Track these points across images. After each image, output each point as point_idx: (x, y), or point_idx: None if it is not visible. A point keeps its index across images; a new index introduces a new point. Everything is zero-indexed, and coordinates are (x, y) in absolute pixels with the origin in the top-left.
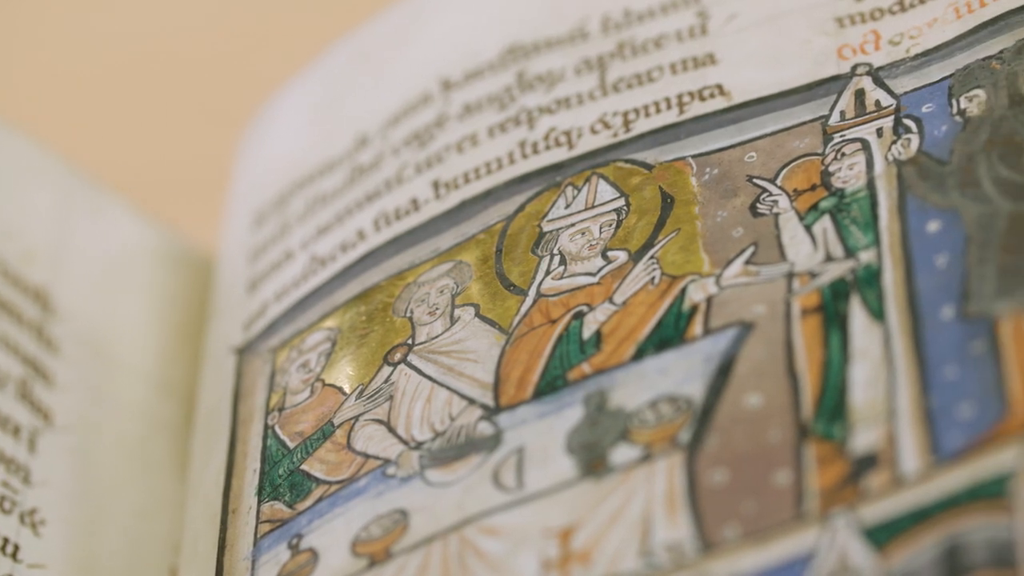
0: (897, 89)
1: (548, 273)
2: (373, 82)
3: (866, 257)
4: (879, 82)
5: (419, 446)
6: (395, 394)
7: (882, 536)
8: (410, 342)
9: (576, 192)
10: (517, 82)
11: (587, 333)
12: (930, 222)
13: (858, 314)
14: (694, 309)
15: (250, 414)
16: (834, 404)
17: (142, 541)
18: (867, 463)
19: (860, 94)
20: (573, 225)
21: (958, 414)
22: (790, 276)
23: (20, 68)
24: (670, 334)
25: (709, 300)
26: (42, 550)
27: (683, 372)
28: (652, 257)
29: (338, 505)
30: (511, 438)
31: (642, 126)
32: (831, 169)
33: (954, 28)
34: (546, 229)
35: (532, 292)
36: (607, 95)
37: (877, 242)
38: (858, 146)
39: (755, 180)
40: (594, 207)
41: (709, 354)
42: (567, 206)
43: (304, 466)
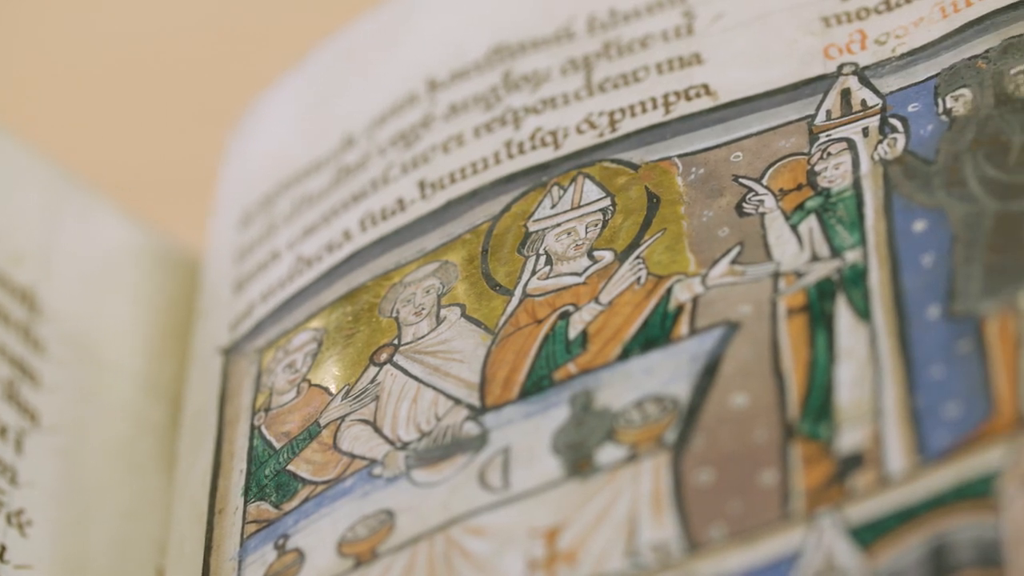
0: (883, 88)
1: (534, 273)
2: (359, 82)
3: (852, 257)
4: (865, 81)
5: (405, 446)
6: (381, 394)
7: (868, 536)
8: (396, 342)
9: (562, 192)
10: (503, 82)
11: (573, 333)
12: (916, 221)
13: (844, 314)
14: (680, 309)
15: (236, 414)
16: (820, 404)
17: (129, 542)
18: (853, 463)
19: (846, 93)
20: (559, 225)
21: (944, 414)
22: (776, 276)
23: (6, 70)
24: (656, 334)
25: (695, 300)
26: (29, 551)
27: (669, 372)
28: (638, 257)
29: (324, 505)
30: (497, 438)
31: (628, 126)
32: (817, 169)
33: (940, 27)
34: (532, 229)
35: (518, 292)
36: (593, 95)
37: (863, 242)
38: (844, 146)
39: (741, 180)
40: (580, 207)
41: (695, 354)
42: (553, 206)
43: (290, 466)
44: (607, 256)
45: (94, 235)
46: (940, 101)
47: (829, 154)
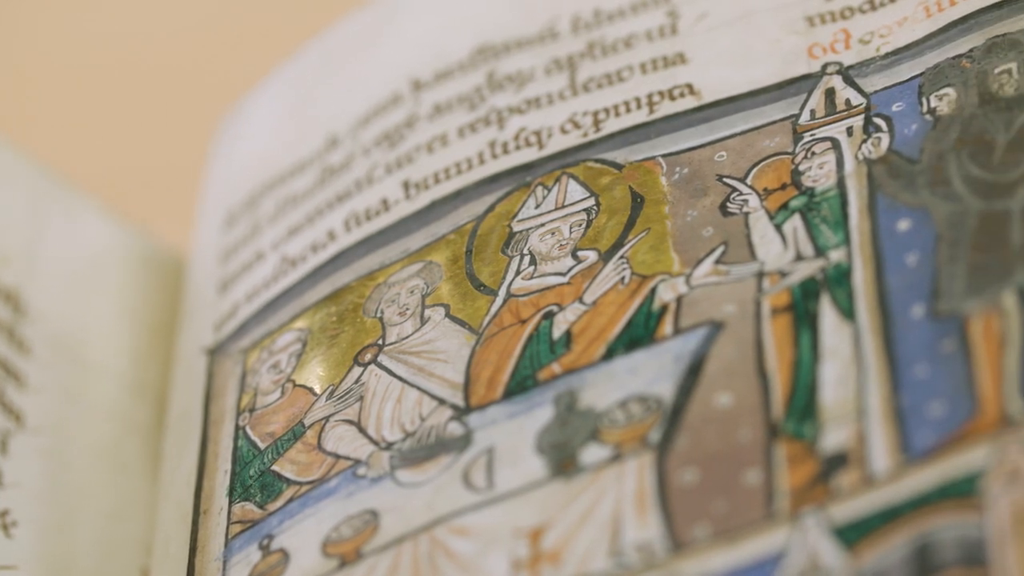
0: (867, 88)
1: (518, 273)
2: (343, 83)
3: (836, 256)
4: (849, 81)
5: (389, 446)
6: (365, 395)
7: (852, 535)
8: (380, 342)
9: (546, 192)
10: (487, 82)
11: (557, 333)
12: (900, 221)
13: (828, 313)
14: (664, 309)
15: (221, 415)
16: (804, 403)
17: (114, 542)
18: (837, 462)
19: (830, 93)
20: (543, 225)
21: (928, 413)
22: (760, 275)
23: None
24: (640, 334)
25: (679, 300)
26: (14, 551)
27: (653, 372)
28: (622, 257)
29: (309, 506)
30: (481, 438)
31: (612, 126)
32: (801, 168)
33: (924, 27)
34: (516, 229)
35: (502, 292)
36: (577, 95)
37: (847, 241)
38: (828, 145)
39: (725, 179)
40: (564, 207)
41: (679, 354)
42: (537, 206)
43: (275, 467)
44: (591, 256)
45: (79, 236)
46: (924, 100)
47: (813, 153)
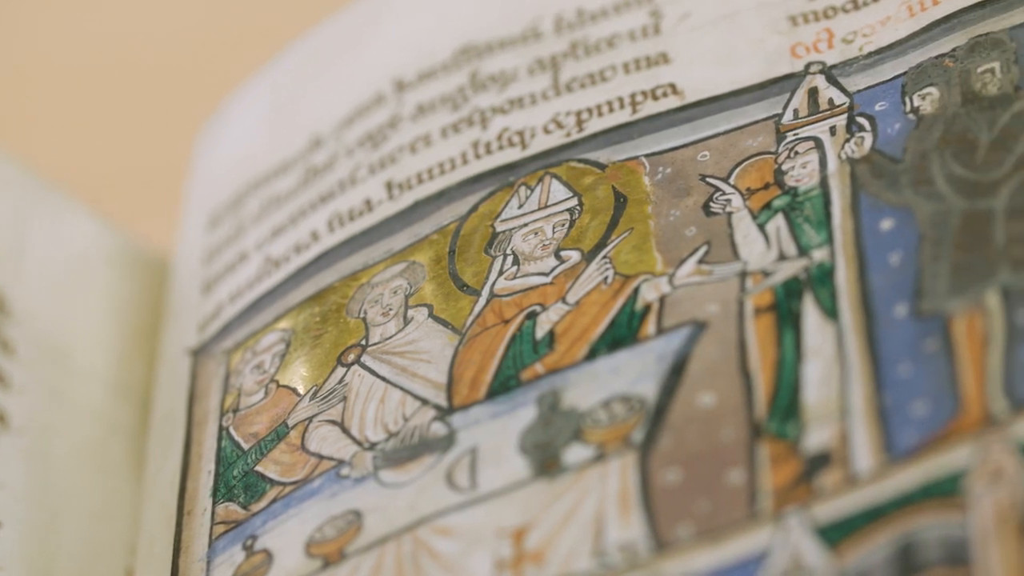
0: (850, 87)
1: (501, 273)
2: (327, 83)
3: (819, 255)
4: (832, 80)
5: (373, 447)
6: (349, 395)
7: (835, 535)
8: (364, 343)
9: (529, 192)
10: (470, 82)
11: (540, 333)
12: (883, 220)
13: (811, 312)
14: (647, 308)
15: (205, 416)
16: (787, 403)
17: (98, 543)
18: (820, 462)
19: (813, 92)
20: (526, 225)
21: (911, 412)
22: (743, 275)
23: None
24: (623, 333)
25: (662, 299)
26: None
27: (636, 371)
28: (605, 257)
29: (292, 506)
30: (464, 438)
31: (595, 126)
32: (784, 168)
33: (907, 26)
34: (499, 229)
35: (485, 292)
36: (560, 95)
37: (830, 240)
38: (811, 144)
39: (708, 179)
40: (547, 207)
41: (662, 353)
42: (520, 206)
43: (258, 467)
44: (574, 256)
45: (64, 236)
46: (907, 100)
47: (796, 153)
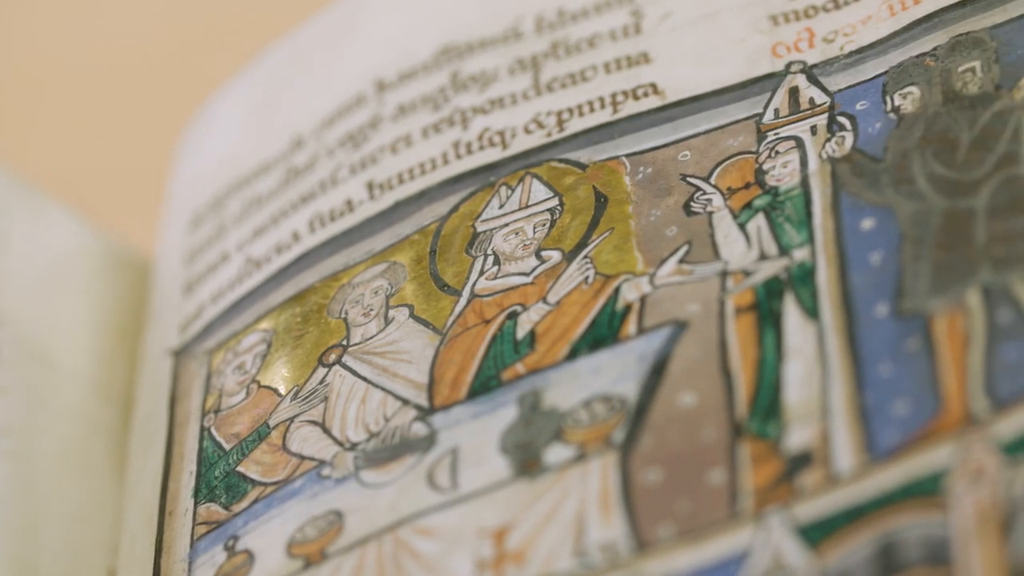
0: (831, 87)
1: (482, 273)
2: (308, 84)
3: (800, 255)
4: (813, 80)
5: (354, 447)
6: (330, 395)
7: (816, 534)
8: (345, 343)
9: (510, 192)
10: (451, 82)
11: (521, 333)
12: (864, 219)
13: (792, 312)
14: (628, 308)
15: (186, 416)
16: (768, 402)
17: (80, 544)
18: (801, 461)
19: (794, 92)
20: (507, 225)
21: (893, 412)
22: (724, 275)
23: None
24: (604, 333)
25: (643, 299)
26: None
27: (617, 371)
28: (586, 256)
29: (273, 506)
30: (445, 438)
31: (576, 125)
32: (765, 167)
33: (888, 25)
34: (480, 229)
35: (466, 292)
36: (541, 95)
37: (811, 240)
38: (792, 144)
39: (689, 179)
40: (528, 207)
41: (643, 353)
42: (501, 206)
43: (240, 468)
44: (555, 256)
45: (45, 237)
46: (888, 99)
47: (777, 152)
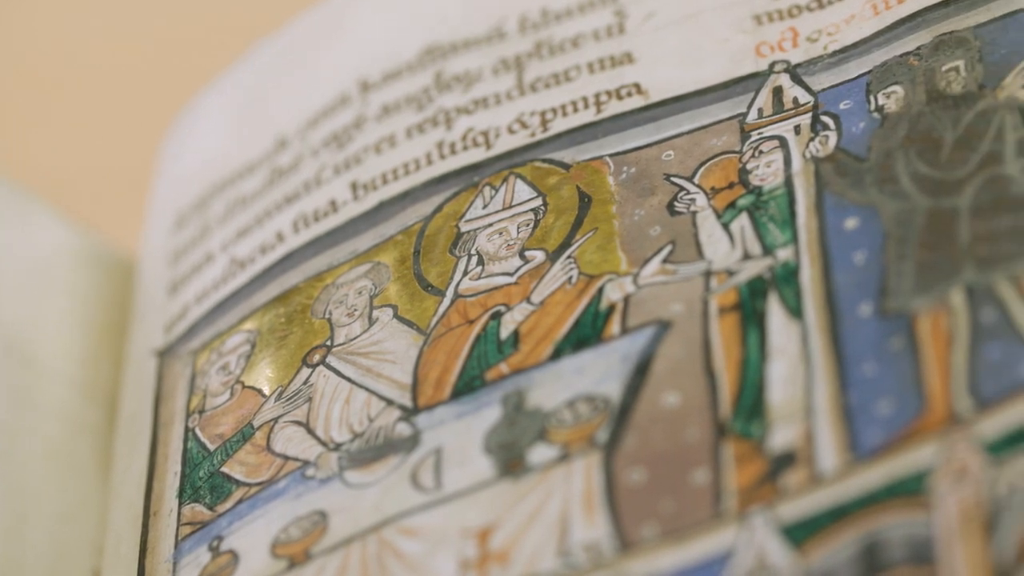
0: (815, 86)
1: (466, 273)
2: (292, 84)
3: (784, 255)
4: (797, 79)
5: (338, 447)
6: (314, 396)
7: (800, 534)
8: (329, 343)
9: (494, 192)
10: (435, 83)
11: (505, 333)
12: (848, 219)
13: (776, 312)
14: (611, 308)
15: (171, 417)
16: (752, 402)
17: (65, 544)
18: (785, 461)
19: (778, 91)
20: (491, 225)
21: (876, 411)
22: (708, 274)
23: None
24: (587, 333)
25: (626, 299)
26: None
27: (600, 371)
28: (569, 256)
29: (258, 507)
30: (429, 439)
31: (559, 125)
32: (749, 167)
33: (872, 25)
34: (464, 229)
35: (450, 293)
36: (525, 95)
37: (795, 239)
38: (776, 143)
39: (673, 178)
40: (512, 207)
41: (626, 353)
42: (485, 206)
43: (224, 468)
44: (539, 256)
45: (29, 237)
46: (872, 98)
47: (761, 152)
